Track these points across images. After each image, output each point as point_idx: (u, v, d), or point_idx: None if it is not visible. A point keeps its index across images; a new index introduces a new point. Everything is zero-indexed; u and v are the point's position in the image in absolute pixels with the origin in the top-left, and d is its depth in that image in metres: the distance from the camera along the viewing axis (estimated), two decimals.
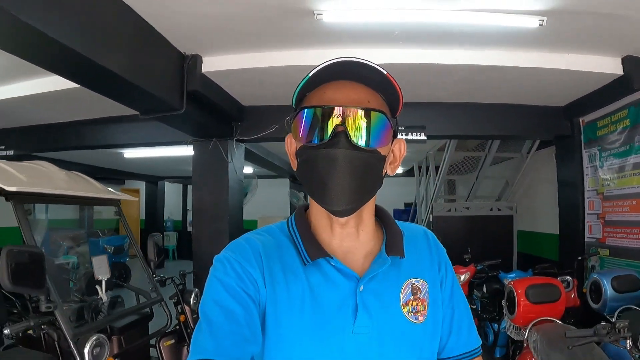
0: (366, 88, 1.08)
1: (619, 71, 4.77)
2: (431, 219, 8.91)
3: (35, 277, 2.58)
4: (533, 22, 3.71)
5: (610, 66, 4.77)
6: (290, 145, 1.19)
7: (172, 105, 4.47)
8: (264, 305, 1.08)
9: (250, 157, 8.02)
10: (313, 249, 1.12)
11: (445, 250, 1.37)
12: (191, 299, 4.42)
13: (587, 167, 6.00)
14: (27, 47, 3.15)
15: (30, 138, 7.68)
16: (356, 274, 1.12)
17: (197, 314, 3.20)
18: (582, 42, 4.36)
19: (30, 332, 3.89)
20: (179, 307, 4.46)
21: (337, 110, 1.04)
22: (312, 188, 1.09)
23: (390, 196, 12.76)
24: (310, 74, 1.03)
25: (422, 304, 1.20)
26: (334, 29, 4.04)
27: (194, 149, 6.41)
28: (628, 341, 2.49)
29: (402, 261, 1.20)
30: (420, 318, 1.18)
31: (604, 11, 3.63)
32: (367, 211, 1.17)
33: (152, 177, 16.13)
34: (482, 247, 7.27)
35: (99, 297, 3.64)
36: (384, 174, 1.15)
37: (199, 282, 5.66)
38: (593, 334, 2.47)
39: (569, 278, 5.29)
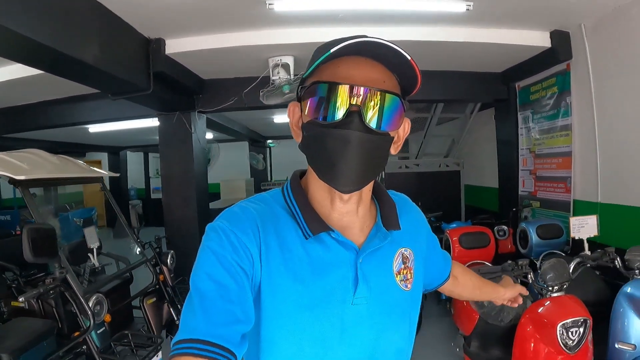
0: (382, 67, 1.05)
1: (548, 44, 5.24)
2: (383, 176, 9.44)
3: (49, 248, 3.01)
4: (461, 7, 4.16)
5: (539, 39, 5.23)
6: (294, 114, 1.18)
7: (140, 87, 4.80)
8: (258, 279, 1.07)
9: (210, 125, 8.28)
10: (315, 223, 1.12)
11: (424, 217, 1.45)
12: (168, 260, 4.86)
13: (521, 128, 6.50)
14: (6, 47, 3.42)
15: None
16: (356, 246, 1.15)
17: (174, 272, 3.64)
18: (513, 19, 4.81)
19: (24, 305, 4.33)
20: (157, 268, 4.85)
21: (353, 89, 1.01)
22: (319, 165, 1.08)
23: None
24: (332, 51, 0.97)
25: (410, 272, 1.26)
26: (284, 14, 4.39)
27: (159, 122, 6.70)
28: (530, 275, 3.10)
29: (389, 236, 1.21)
30: (409, 286, 1.24)
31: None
32: (367, 188, 1.18)
33: (114, 148, 16.15)
34: (432, 201, 7.69)
35: (91, 263, 4.05)
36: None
37: (172, 245, 6.11)
38: (500, 269, 3.05)
39: (505, 227, 5.92)
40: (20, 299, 3.25)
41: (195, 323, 0.95)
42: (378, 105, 1.02)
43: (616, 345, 3.18)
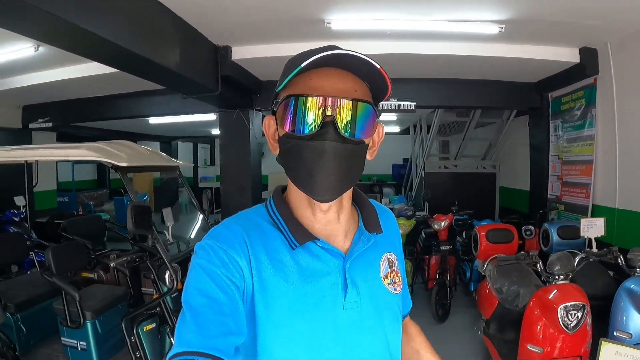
0: (352, 76, 1.06)
1: (577, 59, 5.72)
2: (423, 175, 9.97)
3: (146, 222, 3.69)
4: (494, 29, 4.71)
5: (569, 55, 5.72)
6: (269, 127, 1.18)
7: (210, 88, 5.51)
8: (250, 292, 1.07)
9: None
10: (299, 234, 1.12)
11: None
12: None
13: (552, 135, 6.93)
14: (105, 54, 4.17)
15: (67, 110, 8.64)
16: (342, 252, 1.16)
17: None
18: (544, 37, 5.32)
19: (93, 276, 5.05)
20: None
21: (326, 100, 1.02)
22: (297, 177, 1.08)
23: (389, 152, 13.69)
24: (302, 65, 0.98)
25: (397, 276, 1.28)
26: (339, 31, 4.98)
27: (220, 118, 7.39)
28: (539, 264, 3.66)
29: (378, 236, 1.24)
30: (398, 289, 1.26)
31: (558, 18, 4.59)
32: (347, 196, 1.19)
33: (166, 138, 16.86)
34: (468, 201, 8.12)
35: (167, 239, 4.72)
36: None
37: None
38: (514, 258, 3.60)
39: (532, 227, 6.39)
40: (112, 264, 3.96)
41: (189, 336, 0.95)
42: (351, 114, 1.04)
43: (615, 333, 3.63)
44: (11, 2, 2.83)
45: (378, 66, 1.00)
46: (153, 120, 10.68)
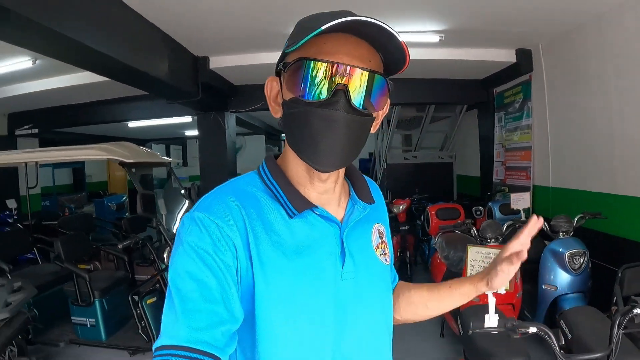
0: (367, 45, 1.00)
1: (514, 59, 6.49)
2: (385, 167, 10.75)
3: (151, 207, 4.40)
4: (434, 38, 5.48)
5: (506, 56, 6.49)
6: (271, 89, 1.14)
7: (192, 94, 6.19)
8: (246, 269, 1.02)
9: (237, 120, 9.43)
10: (298, 201, 1.08)
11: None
12: None
13: (496, 126, 7.68)
14: (105, 69, 4.78)
15: (50, 117, 9.13)
16: (338, 221, 1.13)
17: None
18: (483, 41, 6.06)
19: (89, 267, 5.72)
20: None
21: (340, 68, 0.96)
22: (300, 144, 1.04)
23: None
24: (324, 27, 0.90)
25: (386, 247, 1.27)
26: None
27: (198, 121, 8.04)
28: (472, 230, 4.47)
29: (368, 207, 1.21)
30: (387, 260, 1.26)
31: (492, 26, 5.34)
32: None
33: (141, 140, 16.67)
34: (429, 189, 9.04)
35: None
36: None
37: None
38: (453, 227, 4.41)
39: (481, 208, 7.18)
40: (120, 246, 4.64)
41: (177, 328, 0.91)
42: (365, 85, 0.99)
43: (543, 287, 4.46)
44: (15, 18, 3.11)
45: (397, 35, 0.95)
46: (132, 123, 11.14)
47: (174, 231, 5.20)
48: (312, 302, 1.06)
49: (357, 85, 0.99)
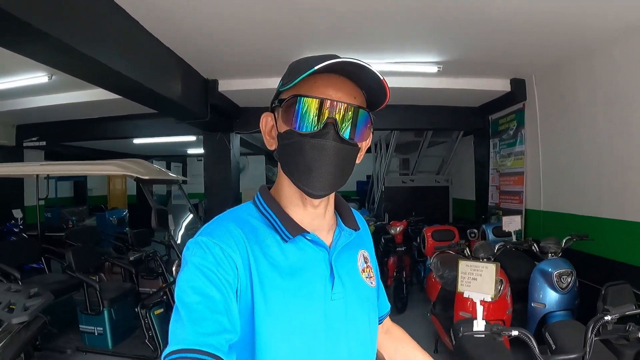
0: (351, 84, 1.12)
1: (508, 88, 6.80)
2: (383, 189, 10.98)
3: (164, 221, 4.63)
4: (433, 69, 5.79)
5: (501, 85, 6.81)
6: (266, 124, 1.25)
7: (201, 115, 6.46)
8: (246, 289, 1.08)
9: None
10: (291, 227, 1.17)
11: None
12: None
13: (491, 152, 7.92)
14: (116, 86, 4.95)
15: (58, 130, 9.34)
16: (327, 245, 1.22)
17: None
18: (479, 71, 6.36)
19: (94, 278, 5.93)
20: None
21: (330, 104, 1.08)
22: (295, 172, 1.13)
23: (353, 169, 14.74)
24: (317, 67, 1.02)
25: (371, 271, 1.36)
26: None
27: (204, 140, 8.27)
28: (466, 250, 4.71)
29: (354, 233, 1.30)
30: (373, 283, 1.35)
31: (487, 58, 5.63)
32: (332, 195, 1.25)
33: (142, 156, 16.72)
34: (424, 212, 9.13)
35: (166, 240, 5.66)
36: None
37: None
38: (448, 247, 4.64)
39: (475, 230, 7.40)
40: (131, 258, 4.88)
41: (184, 334, 0.95)
42: (351, 119, 1.11)
43: (532, 304, 4.70)
44: (35, 34, 3.19)
45: (380, 76, 1.08)
46: (137, 140, 11.36)
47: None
48: (305, 320, 1.12)
49: (345, 118, 1.10)
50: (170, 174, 6.24)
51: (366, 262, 1.35)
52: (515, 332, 2.24)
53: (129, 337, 5.39)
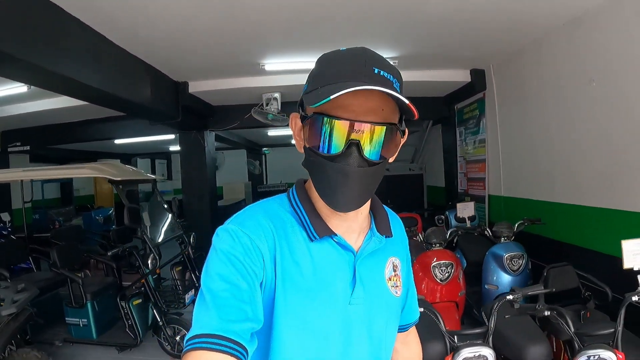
0: (379, 94, 1.00)
1: (469, 79, 7.02)
2: None
3: (137, 218, 4.94)
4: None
5: (462, 76, 7.03)
6: (295, 125, 1.19)
7: (173, 116, 6.77)
8: (270, 281, 1.09)
9: (216, 137, 9.96)
10: (320, 227, 1.15)
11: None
12: (191, 239, 6.46)
13: (458, 140, 8.16)
14: (86, 96, 5.21)
15: (42, 134, 9.56)
16: (354, 249, 1.19)
17: (194, 248, 5.52)
18: (439, 63, 6.60)
19: (80, 275, 6.22)
20: (182, 245, 6.36)
21: (352, 125, 1.01)
22: (319, 188, 1.11)
23: None
24: (341, 93, 0.94)
25: (399, 280, 1.32)
26: (271, 70, 6.32)
27: (180, 139, 8.58)
28: (419, 235, 5.05)
29: (387, 240, 1.27)
30: (398, 292, 1.31)
31: (443, 50, 5.85)
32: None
33: (127, 155, 17.52)
34: (400, 200, 9.34)
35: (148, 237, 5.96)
36: None
37: (191, 229, 7.41)
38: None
39: (442, 216, 7.61)
40: (109, 253, 5.20)
41: (209, 319, 0.96)
42: (376, 139, 1.04)
43: (486, 286, 5.00)
44: (7, 59, 3.45)
45: (407, 102, 1.00)
46: (118, 140, 11.62)
47: (158, 241, 5.70)
48: (321, 323, 1.13)
49: (369, 139, 1.04)
50: (145, 174, 6.51)
51: (394, 271, 1.32)
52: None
53: (112, 327, 5.68)
